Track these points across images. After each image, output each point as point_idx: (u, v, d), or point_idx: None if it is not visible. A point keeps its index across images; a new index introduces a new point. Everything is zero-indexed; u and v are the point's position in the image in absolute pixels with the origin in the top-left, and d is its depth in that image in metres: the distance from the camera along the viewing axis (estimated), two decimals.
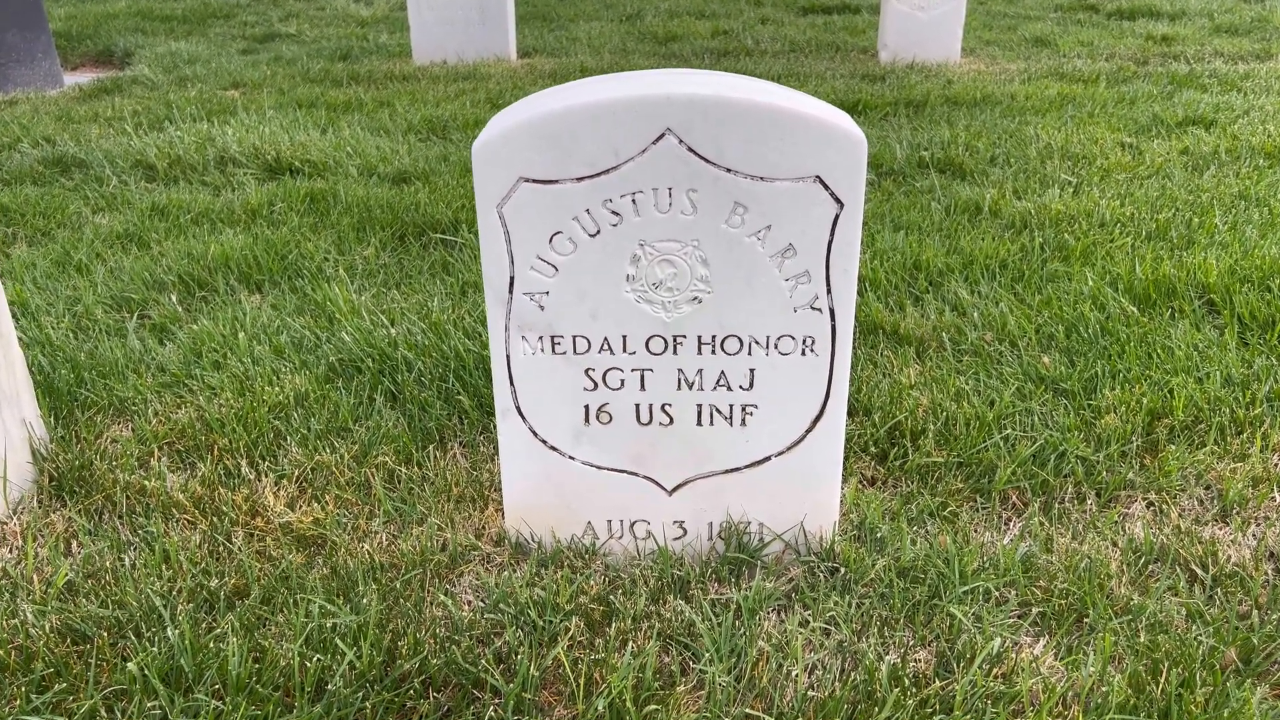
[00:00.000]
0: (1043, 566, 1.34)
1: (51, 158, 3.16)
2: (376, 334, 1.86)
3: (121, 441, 1.57)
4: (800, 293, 1.21)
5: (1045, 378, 1.77)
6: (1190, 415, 1.65)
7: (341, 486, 1.49)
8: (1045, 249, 2.34)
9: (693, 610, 1.23)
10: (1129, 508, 1.48)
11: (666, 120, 1.13)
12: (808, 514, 1.35)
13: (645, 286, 1.22)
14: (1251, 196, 2.69)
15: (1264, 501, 1.48)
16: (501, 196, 1.17)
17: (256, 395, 1.66)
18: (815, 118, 1.12)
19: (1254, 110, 3.69)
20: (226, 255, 2.24)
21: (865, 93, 3.96)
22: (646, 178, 1.15)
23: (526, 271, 1.21)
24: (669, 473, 1.33)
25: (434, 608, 1.24)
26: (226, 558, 1.33)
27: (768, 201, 1.16)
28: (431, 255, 2.36)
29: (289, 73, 4.59)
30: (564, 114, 1.13)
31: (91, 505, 1.42)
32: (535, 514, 1.36)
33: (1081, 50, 5.09)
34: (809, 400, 1.27)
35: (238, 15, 6.63)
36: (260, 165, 3.03)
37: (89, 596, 1.23)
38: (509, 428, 1.31)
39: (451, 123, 3.52)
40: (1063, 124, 3.49)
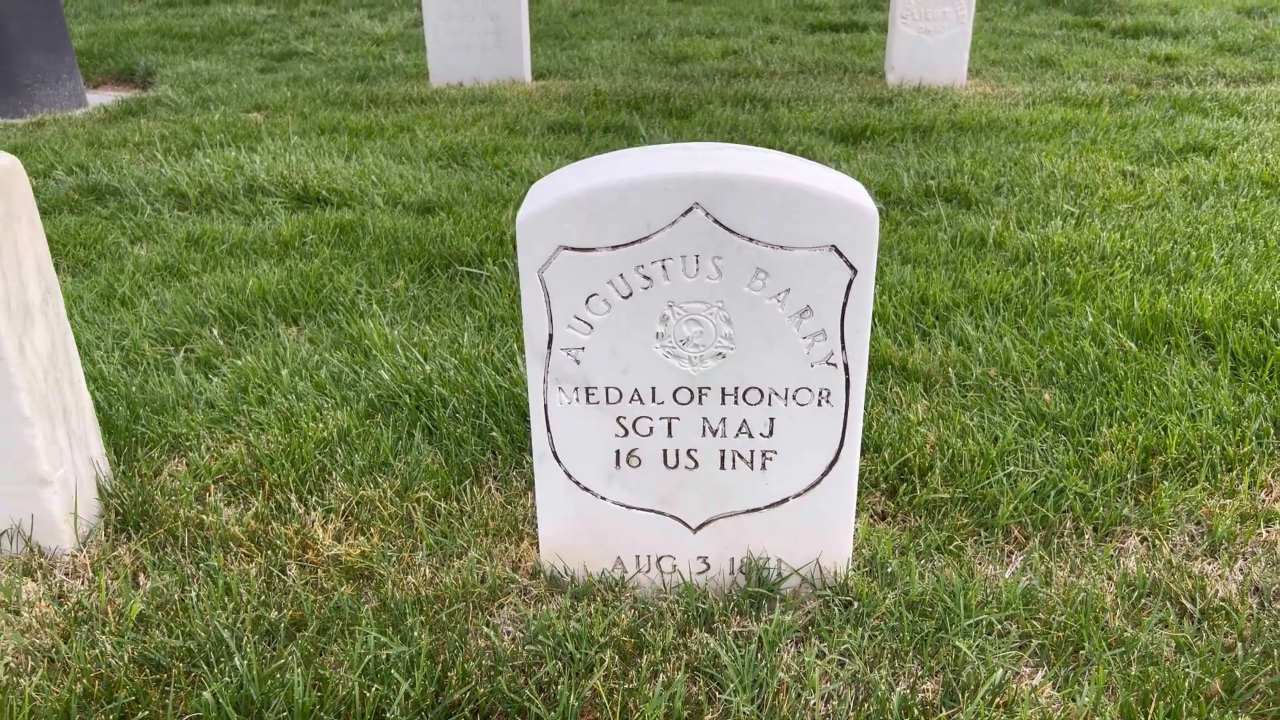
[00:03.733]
0: (1042, 600, 1.44)
1: (86, 185, 3.27)
2: (412, 370, 1.96)
3: (178, 477, 1.67)
4: (817, 349, 1.31)
5: (1046, 414, 1.86)
6: (1183, 453, 1.74)
7: (385, 520, 1.59)
8: (1047, 282, 2.44)
9: (717, 642, 1.33)
10: (1124, 543, 1.58)
11: (695, 195, 1.23)
12: (823, 551, 1.45)
13: (673, 343, 1.32)
14: (1248, 228, 2.78)
15: (1251, 537, 1.57)
16: (543, 263, 1.27)
17: (302, 431, 1.77)
18: (831, 194, 1.23)
19: (1253, 136, 3.78)
20: (264, 289, 2.35)
21: (873, 117, 4.06)
22: (676, 246, 1.26)
23: (564, 330, 1.32)
24: (694, 512, 1.43)
25: (477, 639, 1.34)
26: (282, 590, 1.43)
27: (787, 268, 1.26)
28: (458, 288, 2.47)
29: (309, 94, 4.70)
30: (601, 190, 1.23)
31: (155, 539, 1.53)
32: (569, 550, 1.46)
33: (1085, 71, 5.18)
34: (824, 447, 1.37)
35: (255, 33, 6.75)
36: (289, 194, 3.14)
37: (160, 628, 1.34)
38: (545, 470, 1.41)
39: (471, 149, 3.62)
40: (1066, 151, 3.59)
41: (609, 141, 3.84)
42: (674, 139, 3.80)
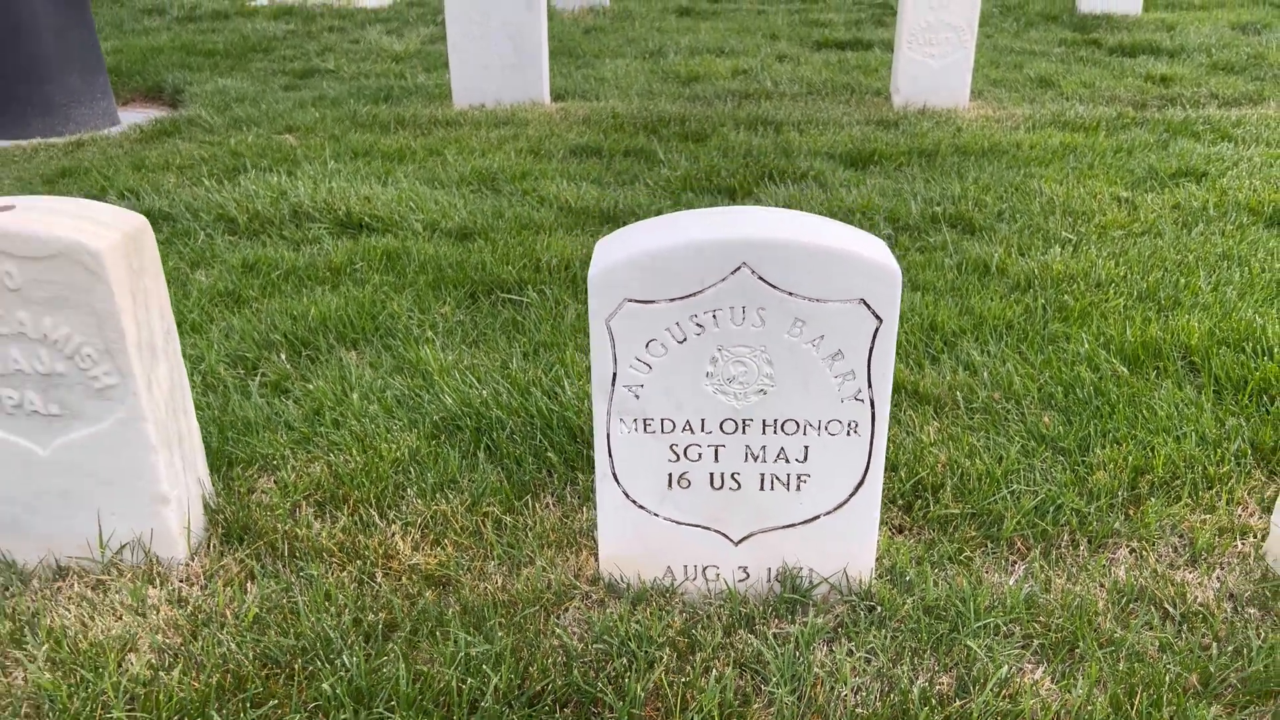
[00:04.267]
0: (1042, 604, 1.63)
1: (140, 210, 3.46)
2: (471, 394, 2.16)
3: (270, 493, 1.87)
4: (847, 387, 1.51)
5: (1046, 436, 2.06)
6: (1169, 472, 1.94)
7: (458, 533, 1.79)
8: (1047, 309, 2.64)
9: (759, 642, 1.53)
10: (1115, 553, 1.78)
11: (743, 256, 1.42)
12: (849, 561, 1.64)
13: (721, 381, 1.52)
14: (1234, 255, 2.98)
15: (1228, 549, 1.77)
16: (610, 313, 1.47)
17: (378, 451, 1.96)
18: (860, 255, 1.42)
19: (1242, 161, 3.98)
20: (324, 316, 2.54)
21: (880, 142, 4.26)
22: (725, 299, 1.45)
23: (626, 369, 1.51)
24: (736, 528, 1.63)
25: (550, 638, 1.54)
26: (373, 595, 1.63)
27: (822, 317, 1.46)
28: (501, 313, 2.66)
29: (337, 115, 4.89)
30: (662, 252, 1.43)
31: (257, 550, 1.73)
32: (625, 560, 1.66)
33: (1084, 92, 5.38)
34: (852, 471, 1.57)
35: (276, 49, 6.94)
36: (333, 220, 3.33)
37: (274, 629, 1.53)
38: (606, 490, 1.61)
39: (500, 174, 3.82)
40: (1064, 177, 3.79)
41: (629, 165, 4.03)
42: (691, 163, 4.00)
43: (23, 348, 1.51)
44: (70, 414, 1.57)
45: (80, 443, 1.58)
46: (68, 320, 1.49)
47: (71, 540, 1.67)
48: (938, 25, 4.81)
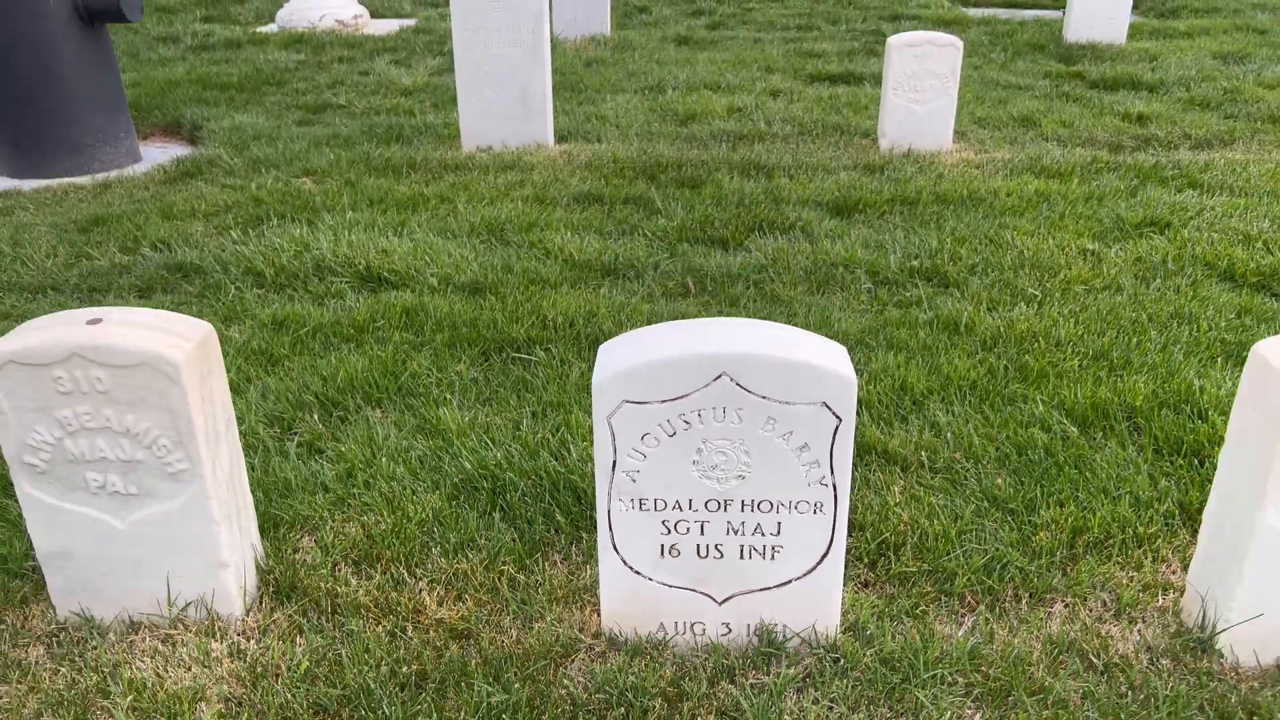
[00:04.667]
0: (985, 655, 1.89)
1: (173, 263, 3.72)
2: (486, 456, 2.41)
3: (311, 553, 2.13)
4: (812, 474, 1.77)
5: (998, 497, 2.32)
6: (1104, 532, 2.20)
7: (477, 589, 2.04)
8: (1009, 369, 2.89)
9: (738, 691, 1.78)
10: (1051, 608, 2.03)
11: (723, 368, 1.68)
12: (818, 618, 1.90)
13: (705, 468, 1.77)
14: (1185, 314, 3.23)
15: (1150, 605, 2.03)
16: (610, 412, 1.73)
17: (405, 513, 2.22)
18: (822, 367, 1.68)
19: (1205, 211, 4.23)
20: (351, 377, 2.80)
21: (865, 189, 4.51)
22: (708, 401, 1.71)
23: (625, 457, 1.77)
24: (719, 590, 1.88)
25: (558, 688, 1.79)
26: (405, 648, 1.88)
27: (790, 417, 1.72)
28: (512, 371, 2.92)
29: (351, 157, 5.15)
30: (656, 364, 1.68)
31: (303, 606, 1.98)
32: (623, 617, 1.91)
33: (1063, 133, 5.64)
34: (819, 543, 1.83)
35: (289, 82, 7.19)
36: (353, 274, 3.59)
37: (322, 680, 1.79)
38: (607, 559, 1.86)
39: (508, 224, 4.07)
40: (1036, 227, 4.04)
41: (628, 214, 4.29)
42: (686, 212, 4.25)
43: (108, 439, 1.77)
44: (146, 493, 1.83)
45: (154, 518, 1.84)
46: (147, 416, 1.75)
47: (142, 599, 1.93)
48: (922, 74, 5.06)
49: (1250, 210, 4.21)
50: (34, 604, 2.00)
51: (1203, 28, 9.22)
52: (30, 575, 2.06)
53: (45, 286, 3.59)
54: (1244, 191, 4.49)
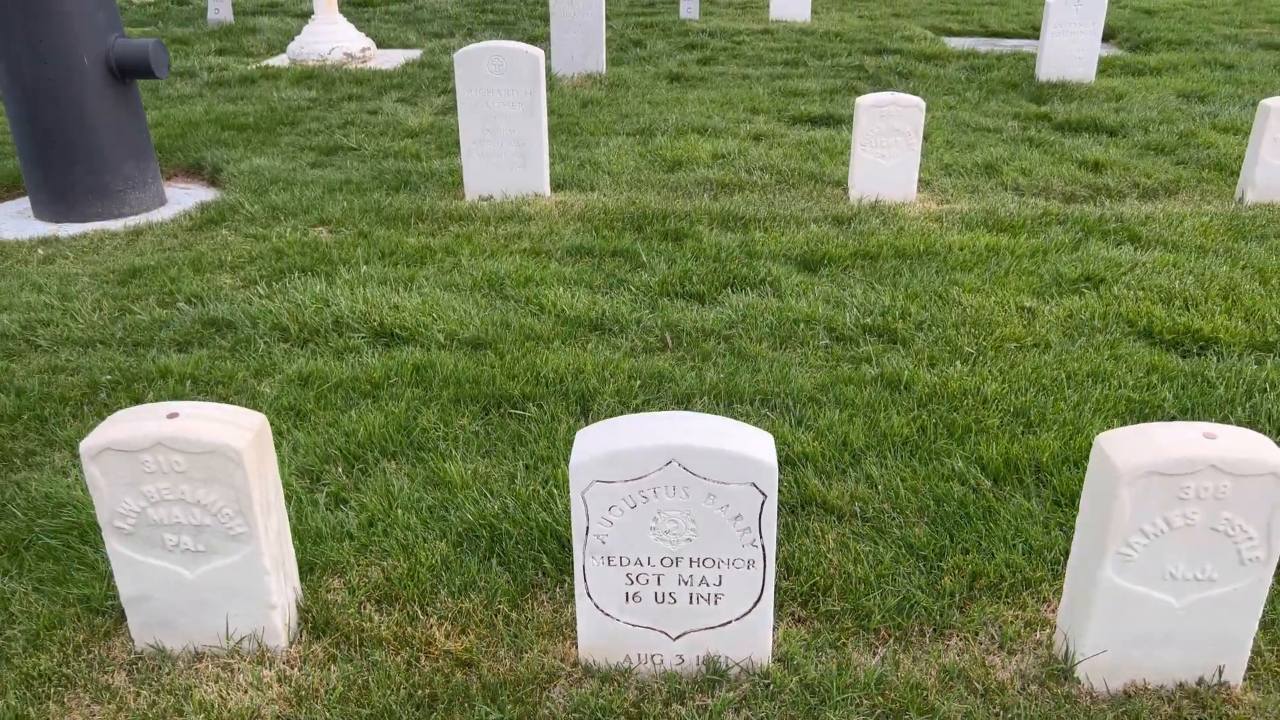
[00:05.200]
0: (890, 682, 2.33)
1: (206, 318, 4.17)
2: (485, 507, 2.86)
3: (340, 593, 2.57)
4: (746, 537, 2.21)
5: (913, 545, 2.76)
6: (998, 576, 2.64)
7: (478, 625, 2.49)
8: (938, 426, 3.33)
9: (687, 712, 2.23)
10: (949, 641, 2.47)
11: (674, 455, 2.12)
12: (753, 651, 2.34)
13: (660, 532, 2.22)
14: (1100, 373, 3.67)
15: (1029, 639, 2.47)
16: (584, 488, 2.17)
17: (418, 559, 2.67)
18: (751, 456, 2.12)
19: (1138, 267, 4.67)
20: (370, 433, 3.24)
21: (832, 243, 4.95)
22: (662, 480, 2.15)
23: (595, 524, 2.21)
24: (674, 628, 2.33)
25: (543, 708, 2.24)
26: (419, 674, 2.33)
27: (726, 493, 2.16)
28: (508, 426, 3.36)
29: (363, 205, 5.59)
30: (620, 453, 2.12)
31: (336, 640, 2.43)
32: (596, 650, 2.36)
33: (1022, 181, 6.08)
34: (752, 592, 2.27)
35: (302, 122, 7.64)
36: (369, 329, 4.03)
37: (353, 703, 2.23)
38: (583, 604, 2.31)
39: (507, 280, 4.52)
40: (982, 284, 4.49)
41: (616, 267, 4.73)
42: (668, 266, 4.70)
43: (183, 508, 2.22)
44: (211, 551, 2.27)
45: (217, 570, 2.29)
46: (215, 491, 2.20)
47: (206, 634, 2.38)
48: (888, 131, 5.50)
49: (1178, 266, 4.66)
50: (115, 637, 2.45)
51: (1172, 63, 9.66)
52: (109, 613, 2.51)
53: (94, 341, 4.03)
54: (1175, 246, 4.93)
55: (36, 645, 2.40)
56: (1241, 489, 2.08)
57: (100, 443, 2.15)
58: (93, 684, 2.31)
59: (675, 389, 3.61)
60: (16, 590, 2.59)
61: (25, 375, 3.71)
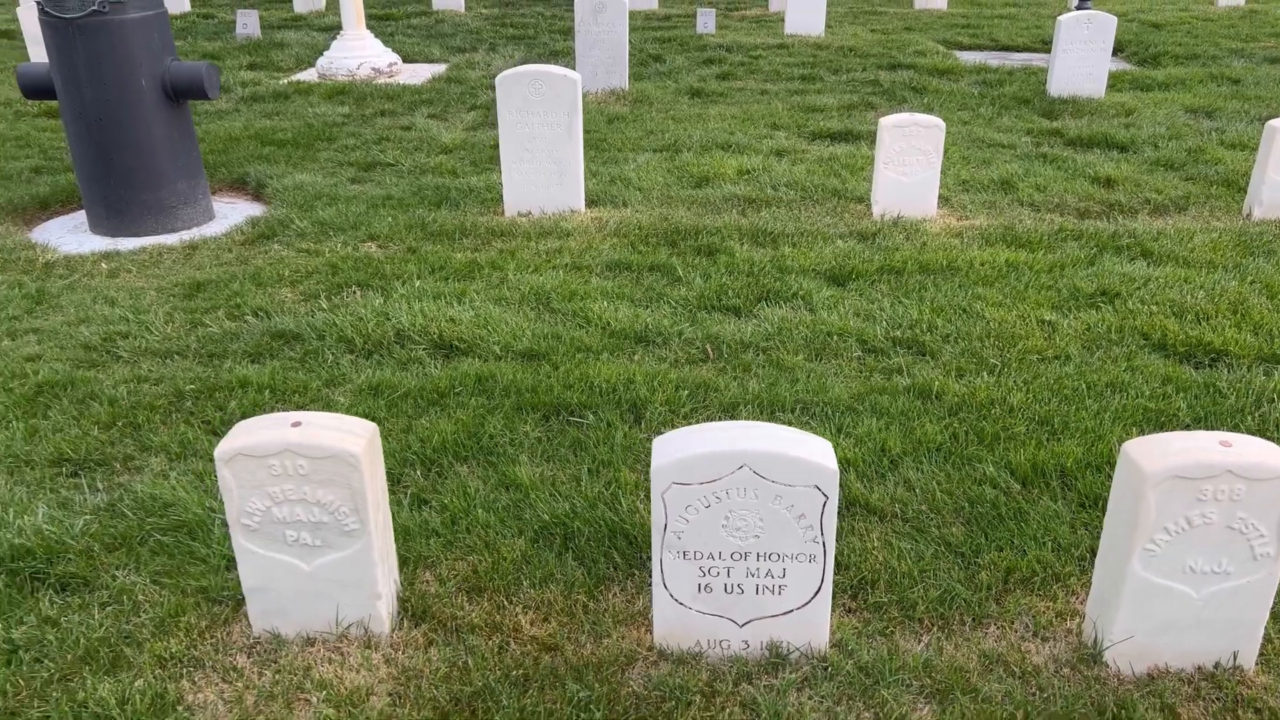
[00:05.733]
0: (935, 665, 2.58)
1: (273, 330, 4.43)
2: (557, 508, 3.11)
3: (432, 585, 2.83)
4: (808, 535, 2.46)
5: (951, 543, 3.01)
6: (1030, 571, 2.89)
7: (559, 613, 2.74)
8: (969, 434, 3.59)
9: (755, 690, 2.48)
10: (987, 630, 2.72)
11: (745, 461, 2.38)
12: (812, 637, 2.59)
13: (731, 529, 2.47)
14: (1118, 383, 3.92)
15: (1060, 627, 2.72)
16: (664, 489, 2.42)
17: (500, 554, 2.92)
18: (815, 462, 2.37)
19: (1151, 282, 4.92)
20: (443, 439, 3.50)
21: (858, 258, 5.21)
22: (734, 483, 2.41)
23: (673, 522, 2.47)
24: (740, 616, 2.58)
25: (625, 687, 2.49)
26: (511, 656, 2.58)
27: (792, 494, 2.41)
28: (568, 432, 3.62)
29: (408, 221, 5.86)
30: (697, 458, 2.38)
31: (432, 626, 2.68)
32: (670, 635, 2.61)
33: (1037, 197, 6.34)
34: (813, 583, 2.52)
35: (338, 138, 7.91)
36: (429, 341, 4.29)
37: (455, 681, 2.49)
38: (659, 594, 2.56)
39: (553, 294, 4.78)
40: (1004, 298, 4.74)
41: (654, 281, 4.99)
42: (704, 281, 4.96)
43: (305, 507, 2.47)
44: (327, 545, 2.53)
45: (331, 563, 2.54)
46: (332, 492, 2.45)
47: (317, 621, 2.63)
48: (909, 150, 5.76)
49: (1189, 281, 4.91)
50: (233, 623, 2.70)
51: (1180, 78, 9.91)
52: (227, 601, 2.76)
53: (171, 352, 4.29)
54: (1186, 262, 5.18)
55: (164, 630, 2.66)
56: (1255, 492, 2.34)
57: (233, 448, 2.41)
58: (219, 664, 2.56)
59: (720, 398, 3.86)
60: (137, 582, 2.84)
61: (113, 385, 3.97)
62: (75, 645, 2.61)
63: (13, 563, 2.89)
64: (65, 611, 2.74)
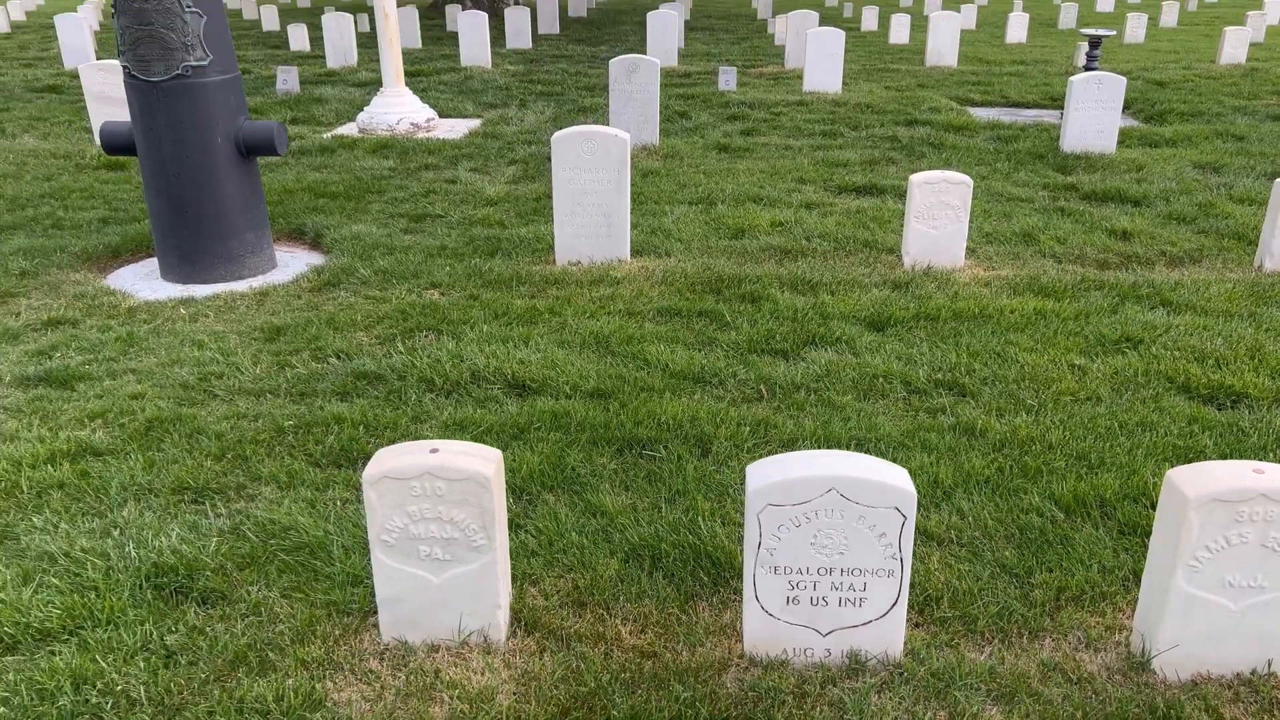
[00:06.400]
0: (999, 671, 2.86)
1: (357, 371, 4.76)
2: (643, 532, 3.41)
3: (538, 599, 3.12)
4: (888, 552, 2.76)
5: (1005, 564, 3.30)
6: (1080, 590, 3.18)
7: (654, 625, 3.03)
8: (1013, 468, 3.89)
9: (840, 692, 2.76)
10: (1043, 642, 3.01)
11: (833, 484, 2.69)
12: (889, 646, 2.88)
13: (819, 547, 2.77)
14: (1148, 423, 4.24)
15: (1110, 639, 3.00)
16: (759, 510, 2.73)
17: (597, 572, 3.22)
18: (895, 486, 2.68)
19: (1172, 329, 5.25)
20: (530, 471, 3.81)
21: (895, 306, 5.55)
22: (823, 504, 2.71)
23: (767, 539, 2.77)
24: (824, 626, 2.87)
25: (723, 689, 2.77)
26: (616, 661, 2.87)
27: (874, 515, 2.72)
28: (642, 465, 3.93)
29: (466, 270, 6.21)
30: (790, 482, 2.69)
31: (542, 635, 2.97)
32: (759, 645, 2.90)
33: (1058, 249, 6.69)
34: (891, 595, 2.82)
35: (387, 190, 8.31)
36: (502, 381, 4.62)
37: (571, 682, 2.77)
38: (750, 605, 2.85)
39: (611, 338, 5.11)
40: (1035, 344, 5.07)
41: (704, 326, 5.32)
42: (751, 326, 5.29)
43: (438, 525, 2.78)
44: (456, 560, 2.83)
45: (459, 575, 2.84)
46: (464, 511, 2.76)
47: (441, 629, 2.92)
48: (938, 205, 6.13)
49: (1207, 329, 5.24)
50: (363, 632, 2.99)
51: (1186, 135, 10.33)
52: (355, 613, 3.06)
53: (264, 391, 4.62)
54: (1204, 311, 5.52)
55: (302, 638, 2.95)
56: None
57: (380, 472, 2.72)
58: (356, 668, 2.85)
59: (779, 434, 4.17)
60: (270, 596, 3.14)
61: (215, 421, 4.29)
62: (224, 651, 2.90)
63: (158, 578, 3.19)
64: (209, 621, 3.03)
